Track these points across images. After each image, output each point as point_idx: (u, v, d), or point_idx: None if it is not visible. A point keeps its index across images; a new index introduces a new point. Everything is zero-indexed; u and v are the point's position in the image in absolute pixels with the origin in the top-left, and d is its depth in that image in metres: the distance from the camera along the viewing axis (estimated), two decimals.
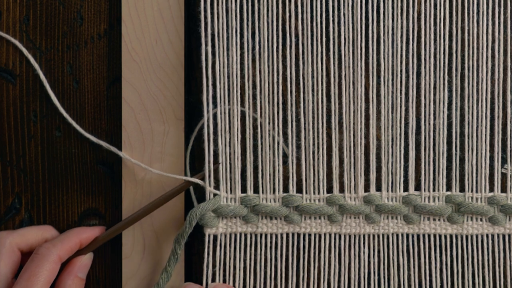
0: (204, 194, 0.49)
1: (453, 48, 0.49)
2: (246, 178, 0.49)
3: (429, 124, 0.50)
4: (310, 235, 0.50)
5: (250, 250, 0.50)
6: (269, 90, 0.49)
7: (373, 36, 0.49)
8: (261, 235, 0.50)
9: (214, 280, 0.50)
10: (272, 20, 0.49)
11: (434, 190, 0.50)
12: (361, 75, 0.49)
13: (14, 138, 0.50)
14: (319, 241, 0.50)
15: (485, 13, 0.49)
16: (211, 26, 0.49)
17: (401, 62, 0.49)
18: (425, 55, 0.49)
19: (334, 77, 0.49)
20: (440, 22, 0.49)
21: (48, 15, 0.50)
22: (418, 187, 0.50)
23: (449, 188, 0.50)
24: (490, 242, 0.50)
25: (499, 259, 0.50)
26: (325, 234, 0.50)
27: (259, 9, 0.49)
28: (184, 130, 0.49)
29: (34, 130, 0.50)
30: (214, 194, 0.49)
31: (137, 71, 0.49)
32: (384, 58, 0.49)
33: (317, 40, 0.49)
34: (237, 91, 0.49)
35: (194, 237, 0.50)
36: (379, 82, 0.49)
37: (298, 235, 0.50)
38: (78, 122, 0.50)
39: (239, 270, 0.50)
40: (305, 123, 0.49)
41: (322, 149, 0.49)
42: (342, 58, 0.49)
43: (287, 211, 0.49)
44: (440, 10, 0.49)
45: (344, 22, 0.49)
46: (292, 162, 0.49)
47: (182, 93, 0.49)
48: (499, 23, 0.49)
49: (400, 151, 0.49)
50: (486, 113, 0.49)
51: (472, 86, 0.49)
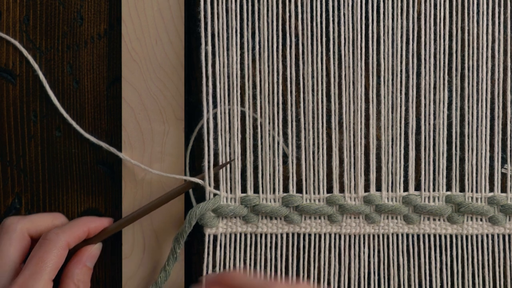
0: (204, 194, 0.49)
1: (453, 48, 0.49)
2: (246, 178, 0.49)
3: (429, 124, 0.50)
4: (310, 235, 0.50)
5: (250, 250, 0.50)
6: (269, 90, 0.49)
7: (373, 36, 0.49)
8: (261, 235, 0.50)
9: None
10: (272, 20, 0.49)
11: (434, 190, 0.50)
12: (361, 75, 0.49)
13: (14, 138, 0.50)
14: (319, 241, 0.50)
15: (485, 13, 0.49)
16: (211, 26, 0.49)
17: (401, 62, 0.49)
18: (425, 55, 0.49)
19: (334, 77, 0.49)
20: (440, 22, 0.49)
21: (48, 15, 0.50)
22: (418, 187, 0.50)
23: (449, 188, 0.50)
24: (490, 242, 0.50)
25: (499, 259, 0.50)
26: (325, 234, 0.50)
27: (259, 9, 0.49)
28: (184, 130, 0.49)
29: (34, 130, 0.50)
30: (214, 194, 0.49)
31: (137, 71, 0.49)
32: (384, 58, 0.49)
33: (317, 40, 0.49)
34: (237, 91, 0.49)
35: (194, 237, 0.50)
36: (379, 82, 0.49)
37: (298, 235, 0.50)
38: (78, 122, 0.50)
39: (239, 270, 0.50)
40: (305, 123, 0.49)
41: (322, 149, 0.49)
42: (342, 58, 0.49)
43: (287, 211, 0.49)
44: (440, 10, 0.49)
45: (344, 22, 0.49)
46: (292, 162, 0.49)
47: (182, 93, 0.49)
48: (499, 23, 0.49)
49: (400, 151, 0.49)
50: (486, 113, 0.49)
51: (472, 86, 0.49)
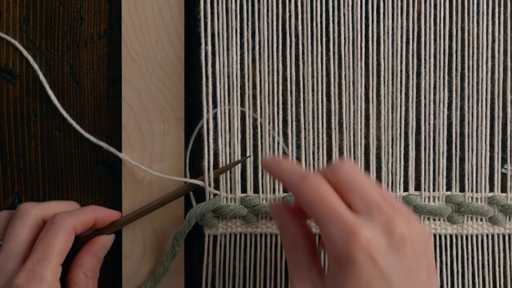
0: (204, 194, 0.49)
1: (453, 48, 0.49)
2: (246, 178, 0.49)
3: (429, 124, 0.50)
4: None
5: (250, 250, 0.50)
6: (269, 90, 0.49)
7: (373, 36, 0.49)
8: (261, 235, 0.50)
9: (214, 280, 0.50)
10: (272, 20, 0.49)
11: (434, 190, 0.50)
12: (361, 75, 0.49)
13: (14, 138, 0.50)
14: (318, 240, 0.50)
15: (485, 13, 0.49)
16: (211, 26, 0.49)
17: (401, 62, 0.49)
18: (425, 55, 0.49)
19: (334, 77, 0.49)
20: (440, 22, 0.49)
21: (48, 15, 0.50)
22: (418, 187, 0.50)
23: (449, 188, 0.50)
24: (490, 242, 0.50)
25: (499, 259, 0.50)
26: None
27: (259, 9, 0.49)
28: (184, 130, 0.49)
29: (34, 130, 0.50)
30: (214, 194, 0.49)
31: (137, 71, 0.49)
32: (384, 58, 0.49)
33: (317, 40, 0.49)
34: (237, 91, 0.49)
35: (194, 237, 0.50)
36: (379, 82, 0.49)
37: None
38: (78, 122, 0.50)
39: (239, 270, 0.50)
40: (305, 123, 0.49)
41: (322, 149, 0.49)
42: (342, 58, 0.49)
43: None
44: (440, 10, 0.49)
45: (344, 22, 0.49)
46: None
47: (182, 93, 0.49)
48: (499, 23, 0.49)
49: (400, 151, 0.49)
50: (486, 113, 0.49)
51: (472, 86, 0.49)
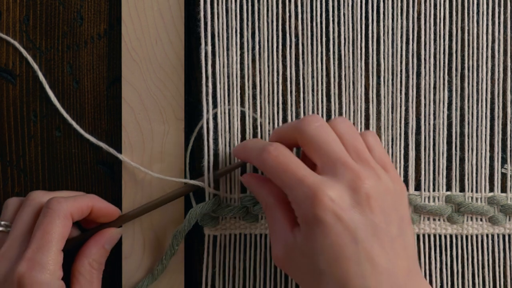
0: (203, 194, 0.49)
1: (453, 48, 0.49)
2: None
3: (429, 124, 0.50)
4: None
5: (250, 250, 0.50)
6: (269, 90, 0.49)
7: (373, 36, 0.49)
8: (260, 235, 0.50)
9: (214, 280, 0.49)
10: (272, 20, 0.49)
11: (434, 190, 0.50)
12: (361, 75, 0.49)
13: (14, 138, 0.50)
14: None
15: (485, 13, 0.49)
16: (211, 26, 0.49)
17: (401, 62, 0.49)
18: (425, 55, 0.49)
19: (334, 77, 0.49)
20: (440, 22, 0.49)
21: (48, 15, 0.50)
22: (418, 187, 0.50)
23: (449, 188, 0.50)
24: (490, 242, 0.50)
25: (499, 259, 0.50)
26: None
27: (259, 9, 0.49)
28: (184, 130, 0.49)
29: (34, 130, 0.50)
30: (214, 195, 0.49)
31: (137, 71, 0.49)
32: (384, 58, 0.49)
33: (317, 40, 0.49)
34: (237, 91, 0.49)
35: (194, 237, 0.50)
36: (379, 82, 0.49)
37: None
38: (78, 122, 0.50)
39: (239, 270, 0.50)
40: None
41: None
42: (342, 58, 0.49)
43: None
44: (440, 10, 0.49)
45: (344, 22, 0.49)
46: None
47: (182, 93, 0.49)
48: (499, 23, 0.49)
49: (400, 151, 0.49)
50: (486, 113, 0.49)
51: (472, 86, 0.49)
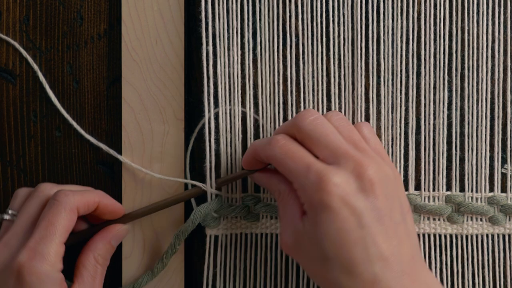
0: (204, 195, 0.49)
1: (453, 48, 0.49)
2: (246, 177, 0.49)
3: (429, 124, 0.50)
4: None
5: (251, 250, 0.50)
6: (270, 90, 0.49)
7: (373, 36, 0.49)
8: (261, 235, 0.50)
9: (214, 280, 0.49)
10: (272, 20, 0.49)
11: (434, 190, 0.50)
12: (361, 75, 0.49)
13: (14, 138, 0.50)
14: None
15: (485, 13, 0.49)
16: (212, 26, 0.49)
17: (401, 62, 0.49)
18: (425, 55, 0.49)
19: (334, 77, 0.49)
20: (440, 22, 0.49)
21: (48, 15, 0.50)
22: (418, 187, 0.50)
23: (449, 188, 0.50)
24: (490, 242, 0.50)
25: (499, 259, 0.50)
26: None
27: (260, 9, 0.49)
28: (184, 130, 0.49)
29: (34, 130, 0.50)
30: (216, 195, 0.49)
31: (137, 71, 0.49)
32: (384, 58, 0.49)
33: (317, 40, 0.49)
34: (238, 91, 0.49)
35: (194, 237, 0.50)
36: (379, 82, 0.49)
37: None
38: (78, 122, 0.50)
39: (240, 270, 0.50)
40: None
41: None
42: (342, 58, 0.49)
43: None
44: (440, 10, 0.49)
45: (344, 22, 0.49)
46: None
47: (182, 93, 0.49)
48: (499, 23, 0.49)
49: (400, 151, 0.49)
50: (486, 113, 0.49)
51: (472, 86, 0.49)
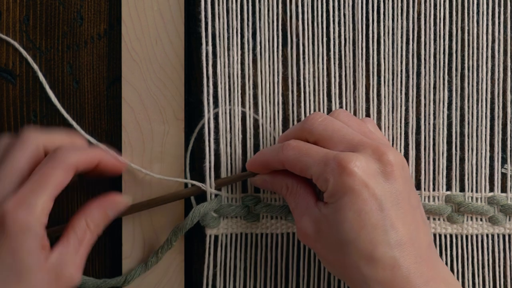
0: (204, 194, 0.49)
1: (453, 48, 0.49)
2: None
3: (429, 124, 0.50)
4: None
5: (251, 250, 0.50)
6: (270, 90, 0.49)
7: (373, 36, 0.49)
8: (261, 235, 0.50)
9: (214, 280, 0.49)
10: (272, 20, 0.49)
11: (434, 190, 0.50)
12: (361, 75, 0.49)
13: None
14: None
15: (485, 13, 0.49)
16: (212, 26, 0.49)
17: (401, 62, 0.49)
18: (425, 55, 0.49)
19: (335, 77, 0.49)
20: (440, 22, 0.49)
21: (48, 15, 0.50)
22: (418, 187, 0.50)
23: (449, 187, 0.50)
24: (490, 242, 0.50)
25: (499, 259, 0.50)
26: None
27: (260, 9, 0.49)
28: (184, 130, 0.49)
29: None
30: (216, 195, 0.49)
31: (137, 71, 0.49)
32: (384, 58, 0.49)
33: (318, 40, 0.49)
34: (237, 91, 0.49)
35: (194, 237, 0.50)
36: (380, 82, 0.49)
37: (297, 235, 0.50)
38: (78, 122, 0.50)
39: (240, 270, 0.50)
40: None
41: None
42: (343, 58, 0.49)
43: (288, 211, 0.49)
44: (440, 10, 0.49)
45: (345, 22, 0.49)
46: None
47: (182, 93, 0.49)
48: (499, 23, 0.49)
49: (400, 151, 0.49)
50: (486, 113, 0.49)
51: (472, 86, 0.49)
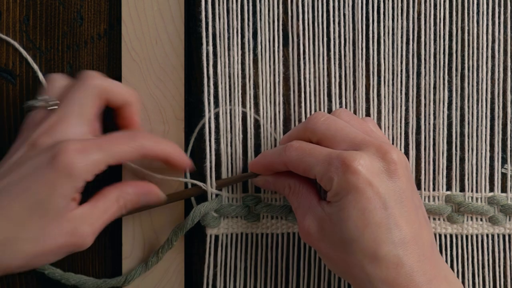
0: (204, 194, 0.49)
1: (453, 48, 0.49)
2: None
3: (429, 124, 0.50)
4: None
5: (251, 250, 0.50)
6: (270, 90, 0.49)
7: (373, 36, 0.49)
8: (262, 235, 0.50)
9: (215, 280, 0.49)
10: (273, 20, 0.49)
11: (434, 190, 0.50)
12: (362, 75, 0.49)
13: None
14: None
15: (485, 13, 0.49)
16: (212, 26, 0.49)
17: (401, 62, 0.49)
18: (425, 55, 0.49)
19: (335, 77, 0.49)
20: (440, 22, 0.49)
21: (48, 15, 0.49)
22: (418, 187, 0.50)
23: (449, 187, 0.50)
24: (490, 242, 0.50)
25: (499, 259, 0.50)
26: None
27: (260, 9, 0.49)
28: (184, 130, 0.49)
29: None
30: (216, 195, 0.49)
31: (137, 71, 0.49)
32: (384, 58, 0.49)
33: (318, 40, 0.49)
34: (238, 91, 0.49)
35: (194, 237, 0.50)
36: (380, 82, 0.49)
37: (299, 235, 0.50)
38: None
39: (240, 270, 0.50)
40: None
41: None
42: (343, 58, 0.49)
43: (289, 211, 0.49)
44: (440, 10, 0.49)
45: (345, 22, 0.49)
46: None
47: (182, 93, 0.49)
48: (499, 23, 0.49)
49: (400, 151, 0.49)
50: (486, 113, 0.50)
51: (472, 86, 0.50)
